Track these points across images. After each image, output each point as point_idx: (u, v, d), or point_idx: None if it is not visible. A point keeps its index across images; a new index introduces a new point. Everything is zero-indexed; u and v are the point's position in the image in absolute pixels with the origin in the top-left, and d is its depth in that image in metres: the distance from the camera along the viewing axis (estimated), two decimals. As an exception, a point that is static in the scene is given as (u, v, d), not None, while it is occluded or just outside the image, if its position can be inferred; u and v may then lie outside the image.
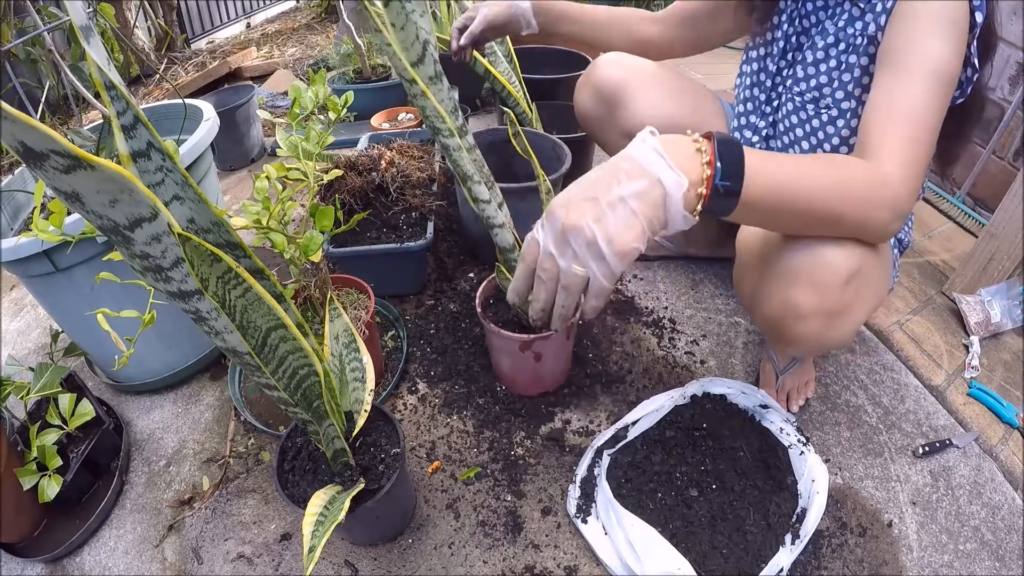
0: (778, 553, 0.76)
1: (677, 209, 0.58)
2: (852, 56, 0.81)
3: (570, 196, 0.61)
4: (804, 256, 0.67)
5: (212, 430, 1.04)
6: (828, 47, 0.84)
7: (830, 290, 0.66)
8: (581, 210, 0.59)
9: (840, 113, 0.85)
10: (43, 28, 0.99)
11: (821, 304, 0.67)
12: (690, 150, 0.59)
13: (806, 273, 0.67)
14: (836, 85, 0.84)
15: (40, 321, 1.34)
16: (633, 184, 0.58)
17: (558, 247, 0.61)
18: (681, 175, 0.57)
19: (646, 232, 0.59)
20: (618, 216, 0.58)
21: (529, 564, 0.82)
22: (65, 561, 0.88)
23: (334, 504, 0.65)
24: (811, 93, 0.87)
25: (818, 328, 0.70)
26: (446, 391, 1.06)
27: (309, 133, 0.91)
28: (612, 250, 0.58)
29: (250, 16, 3.65)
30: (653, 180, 0.58)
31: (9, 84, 1.06)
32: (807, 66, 0.87)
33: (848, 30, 0.81)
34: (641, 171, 0.58)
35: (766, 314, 0.74)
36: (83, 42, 0.42)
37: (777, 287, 0.70)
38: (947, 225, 1.53)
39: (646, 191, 0.58)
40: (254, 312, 0.53)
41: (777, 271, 0.70)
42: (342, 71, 2.05)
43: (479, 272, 1.32)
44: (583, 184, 0.61)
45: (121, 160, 0.46)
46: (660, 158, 0.58)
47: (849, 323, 0.71)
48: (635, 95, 1.03)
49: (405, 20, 0.66)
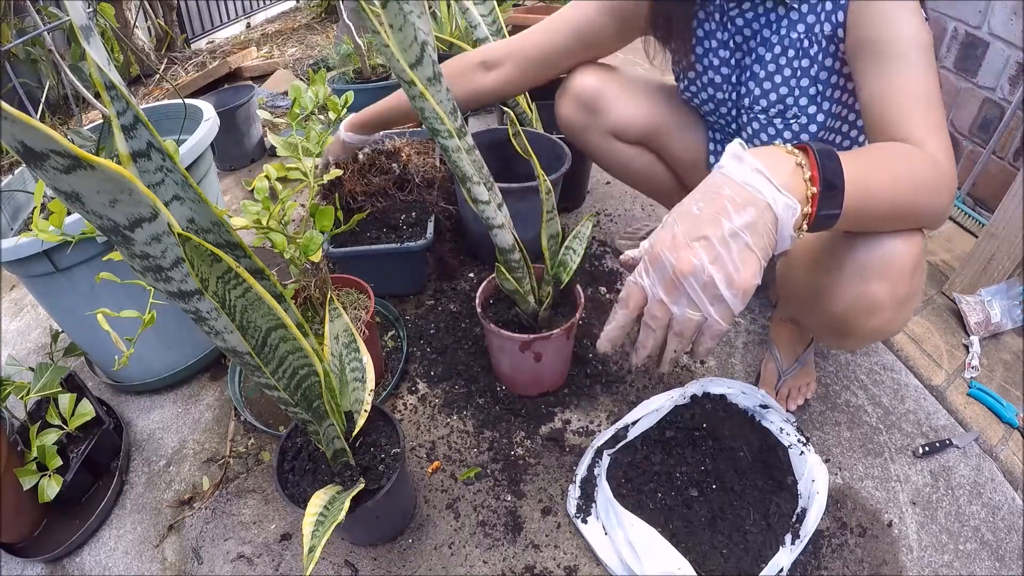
0: (778, 553, 0.76)
1: (786, 233, 0.56)
2: (805, 60, 0.80)
3: (676, 236, 0.56)
4: (874, 251, 0.66)
5: (212, 430, 1.04)
6: (777, 57, 0.82)
7: (902, 280, 0.67)
8: (693, 252, 0.54)
9: (810, 119, 0.84)
10: (43, 28, 0.99)
11: (895, 295, 0.67)
12: (791, 166, 0.56)
13: (880, 267, 0.66)
14: (798, 93, 0.83)
15: (40, 321, 1.34)
16: (743, 215, 0.54)
17: (670, 294, 0.57)
18: (791, 198, 0.54)
19: (762, 264, 0.55)
20: (733, 253, 0.54)
21: (529, 564, 0.82)
22: (65, 561, 0.88)
23: (334, 504, 0.65)
24: (775, 107, 0.86)
25: (888, 318, 0.70)
26: (446, 391, 1.06)
27: (309, 133, 0.91)
28: (732, 291, 0.54)
29: (250, 16, 3.64)
30: (762, 207, 0.54)
31: (9, 84, 1.06)
32: (760, 82, 0.85)
33: (792, 35, 0.80)
34: (748, 198, 0.54)
35: (836, 311, 0.73)
36: (83, 42, 0.42)
37: (850, 283, 0.69)
38: (947, 225, 1.52)
39: (757, 220, 0.54)
40: (254, 312, 0.53)
41: (848, 269, 0.69)
42: (342, 71, 2.05)
43: (479, 272, 1.32)
44: (685, 220, 0.56)
45: (121, 160, 0.46)
46: (766, 180, 0.55)
47: (910, 309, 0.72)
48: (614, 98, 1.03)
49: (403, 21, 0.66)
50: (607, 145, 1.09)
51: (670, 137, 1.06)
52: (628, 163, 1.11)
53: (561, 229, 0.95)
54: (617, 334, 0.63)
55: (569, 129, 1.12)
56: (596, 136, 1.08)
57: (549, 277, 0.94)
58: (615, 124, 1.05)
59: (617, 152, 1.09)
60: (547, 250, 0.92)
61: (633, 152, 1.10)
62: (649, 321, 0.59)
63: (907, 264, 0.66)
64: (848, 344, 0.78)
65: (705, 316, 0.56)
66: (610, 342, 0.64)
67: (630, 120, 1.04)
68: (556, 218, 0.92)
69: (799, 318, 0.89)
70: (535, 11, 2.30)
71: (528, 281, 0.91)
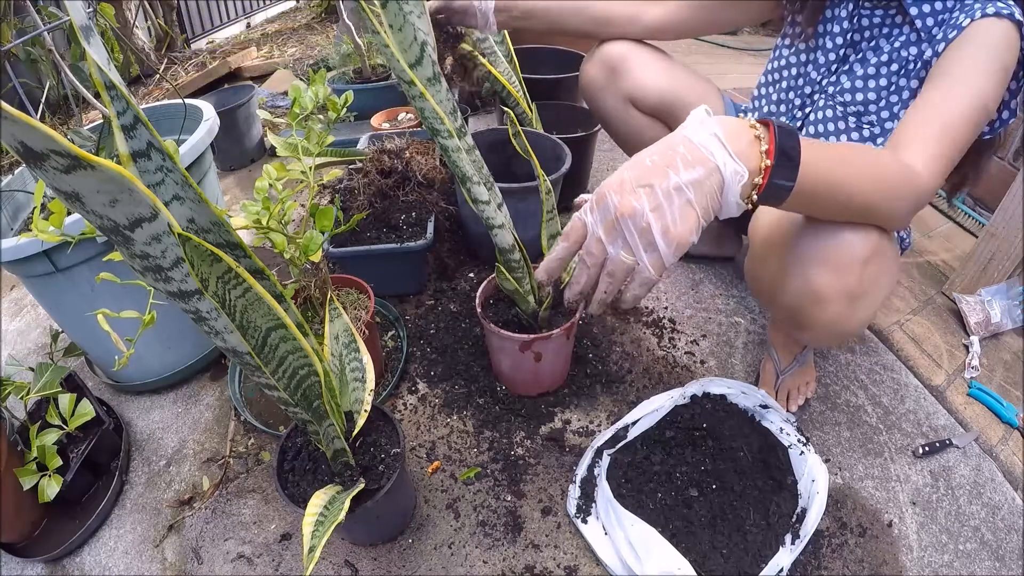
0: (778, 553, 0.76)
1: (732, 199, 0.57)
2: (903, 79, 0.82)
3: (623, 180, 0.58)
4: (824, 239, 0.68)
5: (212, 430, 1.04)
6: (880, 65, 0.84)
7: (850, 271, 0.67)
8: (636, 197, 0.56)
9: (882, 132, 0.86)
10: (43, 28, 0.99)
11: (841, 286, 0.68)
12: (749, 136, 0.58)
13: (826, 255, 0.68)
14: (883, 104, 0.85)
15: (40, 321, 1.34)
16: (691, 172, 0.56)
17: (608, 233, 0.59)
18: (741, 165, 0.56)
19: (701, 223, 0.57)
20: (674, 206, 0.56)
21: (529, 564, 0.82)
22: (65, 561, 0.88)
23: (334, 504, 0.65)
24: (856, 107, 0.87)
25: (838, 312, 0.71)
26: (446, 391, 1.06)
27: (309, 133, 0.91)
28: (667, 241, 0.56)
29: (250, 16, 3.65)
30: (711, 168, 0.56)
31: (9, 84, 1.06)
32: (855, 79, 0.87)
33: (903, 53, 0.82)
34: (700, 157, 0.56)
35: (786, 300, 0.75)
36: (83, 42, 0.42)
37: (797, 271, 0.71)
38: (947, 225, 1.53)
39: (704, 180, 0.56)
40: (254, 312, 0.53)
41: (796, 255, 0.71)
42: (342, 71, 2.05)
43: (479, 272, 1.32)
44: (637, 168, 0.58)
45: (121, 160, 0.46)
46: (720, 144, 0.56)
47: (866, 308, 0.72)
48: (637, 64, 1.07)
49: (403, 21, 0.66)
50: (623, 111, 1.12)
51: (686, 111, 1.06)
52: (640, 132, 1.13)
53: (561, 229, 0.95)
54: (555, 265, 0.66)
55: (589, 88, 1.14)
56: (613, 99, 1.11)
57: (549, 277, 0.94)
58: (633, 87, 1.08)
59: (632, 119, 1.12)
60: (547, 250, 0.92)
61: (647, 122, 1.12)
62: (585, 257, 0.62)
63: (857, 255, 0.67)
64: (810, 337, 0.80)
65: (637, 261, 0.58)
66: (547, 272, 0.67)
67: (649, 85, 1.07)
68: (556, 218, 0.92)
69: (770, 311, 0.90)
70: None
71: (528, 281, 0.91)
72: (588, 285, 0.64)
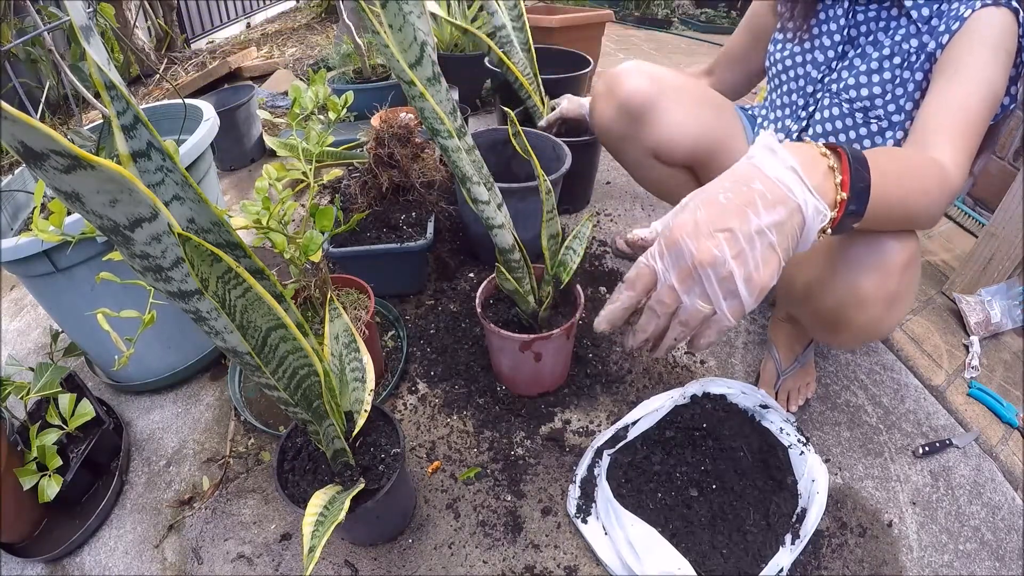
0: (778, 553, 0.76)
1: (811, 237, 0.55)
2: (907, 72, 0.82)
3: (698, 223, 0.53)
4: (868, 246, 0.68)
5: (212, 430, 1.04)
6: (883, 59, 0.84)
7: (892, 276, 0.68)
8: (716, 243, 0.52)
9: (890, 125, 0.86)
10: (43, 28, 0.99)
11: (884, 289, 0.69)
12: (823, 168, 0.55)
13: (872, 261, 0.69)
14: (888, 98, 0.85)
15: (40, 321, 1.34)
16: (772, 213, 0.52)
17: (683, 282, 0.54)
18: (821, 202, 0.53)
19: (782, 265, 0.54)
20: (756, 251, 0.52)
21: (529, 564, 0.82)
22: (65, 561, 0.88)
23: (334, 504, 0.65)
24: (862, 102, 0.87)
25: (877, 314, 0.72)
26: (446, 391, 1.06)
27: (309, 133, 0.91)
28: (749, 289, 0.53)
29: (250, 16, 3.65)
30: (792, 208, 0.53)
31: (9, 84, 1.06)
32: (858, 74, 0.87)
33: (904, 45, 0.82)
34: (780, 196, 0.53)
35: (827, 303, 0.75)
36: (83, 42, 0.42)
37: (842, 276, 0.71)
38: (947, 225, 1.53)
39: (786, 221, 0.52)
40: (254, 312, 0.53)
41: (846, 261, 0.71)
42: (342, 71, 2.05)
43: (479, 272, 1.32)
44: (711, 207, 0.54)
45: (121, 160, 0.46)
46: (799, 180, 0.53)
47: (901, 309, 0.73)
48: (663, 112, 0.96)
49: (403, 22, 0.66)
50: (645, 162, 1.04)
51: (714, 157, 1.01)
52: (662, 181, 1.07)
53: (561, 229, 0.95)
54: (619, 315, 0.60)
55: (605, 135, 1.06)
56: (635, 151, 1.02)
57: (549, 277, 0.94)
58: (659, 141, 0.98)
59: (654, 171, 1.05)
60: (547, 250, 0.92)
61: (669, 172, 1.05)
62: (655, 306, 0.57)
63: (899, 260, 0.68)
64: (840, 340, 0.79)
65: (715, 310, 0.54)
66: (609, 323, 0.61)
67: (677, 138, 0.97)
68: (556, 218, 0.92)
69: (795, 314, 0.90)
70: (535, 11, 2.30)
71: (528, 281, 0.91)
72: (655, 334, 0.59)
